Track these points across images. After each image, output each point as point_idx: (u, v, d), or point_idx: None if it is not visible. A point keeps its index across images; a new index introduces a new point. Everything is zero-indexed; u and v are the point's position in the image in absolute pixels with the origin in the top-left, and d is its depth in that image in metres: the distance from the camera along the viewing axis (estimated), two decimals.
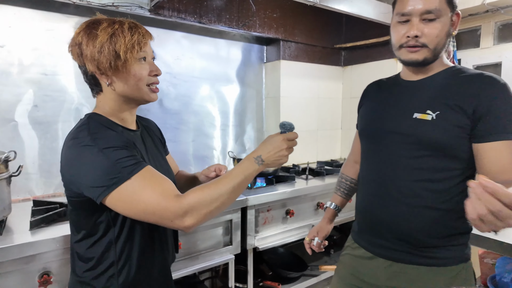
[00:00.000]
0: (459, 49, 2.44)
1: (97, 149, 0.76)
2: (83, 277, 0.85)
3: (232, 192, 0.80)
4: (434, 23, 0.89)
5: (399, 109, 0.97)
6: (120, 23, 0.84)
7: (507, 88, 0.88)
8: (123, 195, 0.75)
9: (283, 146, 0.83)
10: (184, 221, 0.75)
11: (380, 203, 0.98)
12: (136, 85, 0.86)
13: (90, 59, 0.82)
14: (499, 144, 0.85)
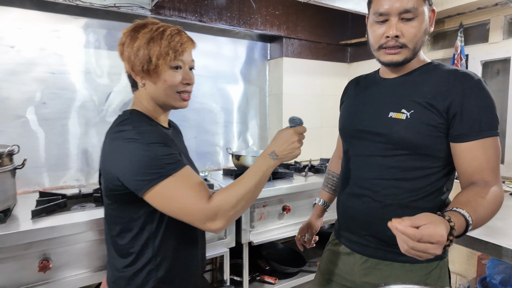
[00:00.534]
0: (466, 44, 2.36)
1: (143, 143, 0.78)
2: (123, 272, 0.86)
3: (254, 190, 0.82)
4: (412, 22, 0.86)
5: (376, 108, 0.97)
6: (162, 29, 0.85)
7: (481, 85, 0.86)
8: (163, 191, 0.77)
9: (294, 138, 0.85)
10: (214, 224, 0.78)
11: (355, 201, 0.98)
12: (165, 91, 0.87)
13: (127, 60, 0.87)
14: (474, 143, 0.84)
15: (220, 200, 0.78)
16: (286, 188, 1.96)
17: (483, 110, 0.84)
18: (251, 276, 2.10)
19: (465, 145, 0.84)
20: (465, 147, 0.84)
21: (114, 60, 2.09)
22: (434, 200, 0.91)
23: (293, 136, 0.85)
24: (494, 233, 1.27)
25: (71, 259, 1.39)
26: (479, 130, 0.83)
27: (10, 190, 1.40)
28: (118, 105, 2.12)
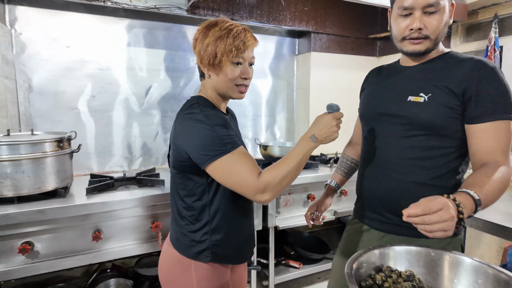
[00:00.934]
0: (501, 36, 2.30)
1: (208, 125, 0.91)
2: (184, 229, 1.02)
3: (297, 169, 0.93)
4: (435, 15, 0.93)
5: (396, 93, 1.04)
6: (229, 29, 0.96)
7: (496, 71, 0.90)
8: (222, 165, 0.90)
9: (332, 123, 0.94)
10: (263, 196, 0.90)
11: (375, 180, 1.06)
12: (225, 83, 0.99)
13: (198, 53, 0.99)
14: (487, 125, 0.89)
15: (269, 176, 0.90)
16: (311, 177, 2.05)
17: (497, 95, 0.89)
18: (276, 259, 2.21)
19: (479, 126, 0.90)
20: (478, 128, 0.90)
21: (153, 57, 2.28)
22: (450, 179, 0.97)
23: (331, 121, 0.94)
24: None
25: (118, 231, 1.58)
26: (493, 113, 0.88)
27: (68, 170, 1.62)
28: (156, 98, 2.32)
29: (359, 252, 0.70)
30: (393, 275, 0.67)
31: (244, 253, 1.10)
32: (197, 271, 0.99)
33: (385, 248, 0.73)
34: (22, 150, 1.42)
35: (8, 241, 1.39)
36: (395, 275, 0.67)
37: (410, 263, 0.71)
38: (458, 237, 1.01)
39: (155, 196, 1.63)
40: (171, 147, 1.04)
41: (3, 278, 1.39)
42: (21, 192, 1.43)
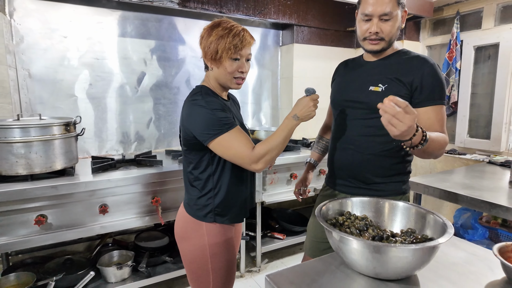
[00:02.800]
0: (462, 31, 2.57)
1: (209, 109, 1.08)
2: (193, 196, 1.21)
3: (283, 142, 1.12)
4: (389, 22, 1.14)
5: (359, 83, 1.26)
6: (230, 29, 1.12)
7: (435, 67, 1.16)
8: (222, 142, 1.08)
9: (310, 104, 1.13)
10: (257, 165, 1.09)
11: (342, 153, 1.29)
12: (225, 76, 1.15)
13: (203, 49, 1.15)
14: (428, 108, 1.14)
15: (261, 149, 1.09)
16: (293, 158, 2.29)
17: (435, 86, 1.14)
18: (263, 232, 2.46)
19: (422, 109, 1.14)
20: (423, 110, 1.15)
21: (145, 47, 2.42)
22: (400, 150, 1.21)
23: (309, 102, 1.13)
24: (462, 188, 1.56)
25: (122, 205, 1.77)
26: (432, 99, 1.14)
27: (74, 152, 1.78)
28: (149, 86, 2.47)
29: (326, 201, 0.93)
30: (352, 217, 0.90)
31: (242, 213, 1.30)
32: (207, 229, 1.20)
33: (345, 199, 0.96)
34: (33, 132, 1.58)
35: (25, 214, 1.55)
36: (353, 217, 0.90)
37: (364, 209, 0.95)
38: (406, 195, 1.26)
39: (154, 174, 1.82)
40: (180, 129, 1.23)
41: (22, 246, 1.56)
42: (34, 170, 1.59)
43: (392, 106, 0.86)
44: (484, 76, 2.52)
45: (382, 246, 0.68)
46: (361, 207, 0.95)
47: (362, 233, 0.84)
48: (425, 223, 0.85)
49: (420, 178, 1.70)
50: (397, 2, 1.15)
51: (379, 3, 1.13)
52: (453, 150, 2.63)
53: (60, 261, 1.94)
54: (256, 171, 1.13)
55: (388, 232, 0.86)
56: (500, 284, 0.74)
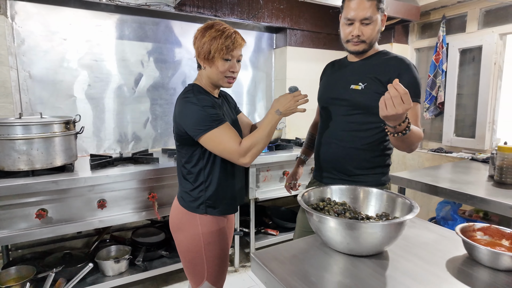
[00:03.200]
0: (448, 34, 2.68)
1: (200, 106, 1.15)
2: (186, 189, 1.28)
3: (268, 136, 1.19)
4: (369, 26, 1.24)
5: (342, 82, 1.35)
6: (222, 31, 1.19)
7: (411, 67, 1.25)
8: (212, 137, 1.14)
9: (292, 101, 1.20)
10: (245, 159, 1.16)
11: (326, 148, 1.38)
12: (217, 75, 1.22)
13: (196, 49, 1.22)
14: None
15: (248, 143, 1.16)
16: (286, 156, 2.37)
17: (411, 84, 1.21)
18: (257, 229, 2.53)
19: None
20: None
21: (143, 49, 2.50)
22: (380, 145, 1.29)
23: (292, 99, 1.21)
24: (443, 181, 1.65)
25: (120, 201, 1.84)
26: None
27: (74, 149, 1.85)
28: (146, 87, 2.55)
29: (309, 188, 1.01)
30: (332, 203, 0.98)
31: (232, 206, 1.34)
32: (201, 219, 1.27)
33: (325, 187, 1.04)
34: (34, 130, 1.65)
35: (26, 208, 1.62)
36: (333, 203, 0.99)
37: (343, 196, 1.03)
38: (385, 186, 1.35)
39: (151, 171, 1.90)
40: (173, 125, 1.30)
41: (23, 239, 1.63)
42: (35, 166, 1.66)
43: (395, 89, 0.94)
44: (469, 78, 2.62)
45: (354, 222, 0.76)
46: (340, 194, 1.03)
47: (339, 216, 0.92)
48: (395, 206, 0.93)
49: (404, 173, 1.79)
50: (376, 8, 1.24)
51: (361, 8, 1.22)
52: (440, 148, 2.73)
53: (59, 255, 2.01)
54: (244, 165, 1.20)
55: (363, 215, 0.94)
56: (462, 258, 0.82)
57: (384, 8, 1.29)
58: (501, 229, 0.86)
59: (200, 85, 1.27)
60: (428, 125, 2.98)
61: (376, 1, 1.23)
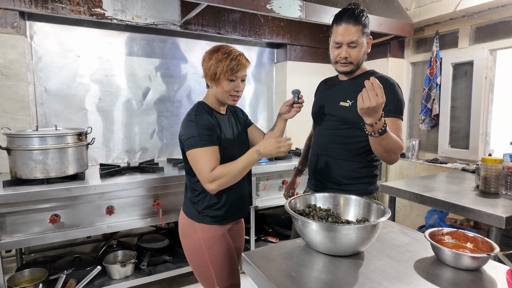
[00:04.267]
0: (441, 49, 2.79)
1: (195, 124, 1.25)
2: (187, 196, 1.40)
3: (240, 172, 1.24)
4: (356, 48, 1.35)
5: (332, 99, 1.47)
6: (228, 54, 1.28)
7: (394, 86, 1.36)
8: (193, 154, 1.23)
9: (275, 145, 1.22)
10: (210, 185, 1.22)
11: (317, 159, 1.49)
12: (222, 94, 1.31)
13: (204, 70, 1.33)
14: (387, 120, 1.32)
15: (218, 172, 1.21)
16: (285, 166, 2.48)
17: (392, 101, 1.33)
18: (257, 236, 2.63)
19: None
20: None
21: (150, 65, 2.66)
22: (367, 157, 1.40)
23: (275, 143, 1.22)
24: (430, 191, 1.74)
25: (127, 207, 1.96)
26: (389, 112, 1.32)
27: (85, 159, 1.99)
28: (153, 100, 2.70)
29: (295, 196, 1.12)
30: (317, 209, 1.09)
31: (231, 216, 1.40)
32: (200, 226, 1.35)
33: (311, 194, 1.16)
34: (50, 141, 1.79)
35: (41, 213, 1.75)
36: (318, 209, 1.09)
37: (326, 202, 1.14)
38: (373, 195, 1.44)
39: (156, 179, 2.02)
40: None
41: (37, 243, 1.75)
42: (50, 174, 1.80)
43: (370, 84, 1.06)
44: (462, 91, 2.72)
45: (331, 225, 0.87)
46: (324, 200, 1.14)
47: (322, 220, 1.03)
48: (371, 211, 1.03)
49: (393, 182, 1.88)
50: (362, 32, 1.36)
51: (347, 33, 1.34)
52: (435, 159, 2.81)
53: (70, 259, 2.13)
54: (210, 191, 1.25)
55: (344, 220, 1.04)
56: (430, 259, 0.92)
57: (369, 33, 1.41)
58: (466, 233, 0.96)
59: (206, 103, 1.38)
60: (424, 137, 3.07)
61: (361, 26, 1.35)
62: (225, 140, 1.34)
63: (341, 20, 1.35)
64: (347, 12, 1.35)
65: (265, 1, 2.09)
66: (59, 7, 2.16)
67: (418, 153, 3.02)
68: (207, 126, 1.27)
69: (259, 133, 1.57)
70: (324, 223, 0.89)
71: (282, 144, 1.22)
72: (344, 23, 1.34)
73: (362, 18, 1.35)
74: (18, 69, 2.09)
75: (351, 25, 1.33)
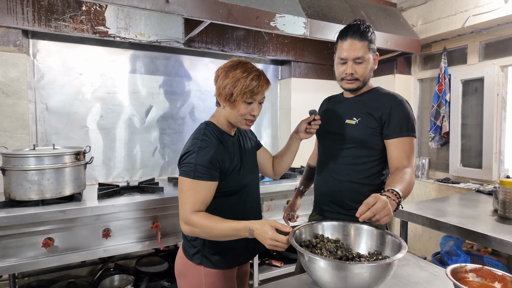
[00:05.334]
0: (449, 66, 2.73)
1: (198, 153, 1.09)
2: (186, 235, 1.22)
3: (221, 237, 1.06)
4: (362, 64, 1.30)
5: (338, 117, 1.40)
6: (248, 73, 1.10)
7: (403, 103, 1.29)
8: (182, 182, 1.09)
9: (270, 241, 0.97)
10: (184, 227, 1.07)
11: (324, 181, 1.40)
12: (236, 117, 1.15)
13: (217, 89, 1.15)
14: (396, 140, 1.25)
15: (196, 222, 1.04)
16: (289, 185, 2.39)
17: (402, 119, 1.26)
18: (261, 260, 2.51)
19: (392, 141, 1.26)
20: (391, 142, 1.26)
21: (153, 82, 2.63)
22: (376, 179, 1.31)
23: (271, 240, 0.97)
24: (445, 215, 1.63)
25: (124, 230, 1.88)
26: (399, 131, 1.25)
27: (83, 179, 1.93)
28: (156, 118, 2.65)
29: (301, 225, 1.03)
30: (325, 240, 1.00)
31: (234, 259, 1.22)
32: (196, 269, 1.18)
33: (318, 223, 1.06)
34: (47, 161, 1.73)
35: (34, 237, 1.67)
36: (326, 240, 1.00)
37: (335, 232, 1.05)
38: (384, 225, 1.35)
39: (155, 201, 1.94)
40: None
41: (30, 268, 1.67)
42: (45, 196, 1.73)
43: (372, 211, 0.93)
44: (473, 108, 2.64)
45: (341, 264, 0.77)
46: (332, 230, 1.05)
47: (331, 254, 0.93)
48: (385, 244, 0.94)
49: (407, 206, 1.78)
50: (368, 48, 1.30)
51: (352, 49, 1.28)
52: (447, 179, 2.69)
53: (64, 284, 2.03)
54: (183, 231, 1.10)
55: (355, 253, 0.95)
56: None
57: (375, 49, 1.35)
58: (493, 271, 0.86)
59: (216, 124, 1.22)
60: (434, 155, 2.96)
61: (367, 42, 1.29)
62: (235, 168, 1.18)
63: (346, 35, 1.29)
64: (353, 27, 1.30)
65: (269, 18, 2.06)
66: (62, 25, 2.16)
67: (429, 172, 2.91)
68: (208, 160, 1.10)
69: (268, 157, 1.45)
70: (334, 261, 0.79)
71: (279, 245, 0.97)
72: (349, 38, 1.28)
73: (368, 34, 1.29)
74: (18, 87, 2.06)
75: (356, 40, 1.27)
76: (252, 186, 1.30)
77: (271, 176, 1.51)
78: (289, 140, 1.42)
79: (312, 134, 1.39)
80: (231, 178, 1.17)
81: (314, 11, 2.30)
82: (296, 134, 1.40)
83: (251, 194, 1.31)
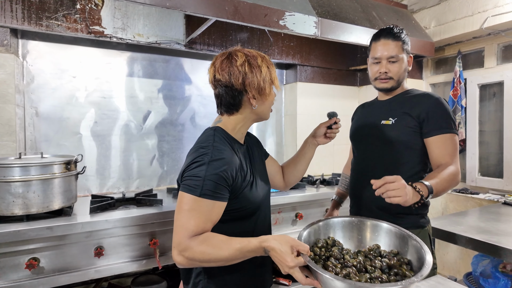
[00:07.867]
0: (465, 69, 2.59)
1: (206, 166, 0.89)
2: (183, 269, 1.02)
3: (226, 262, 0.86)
4: (396, 64, 1.30)
5: (373, 119, 1.36)
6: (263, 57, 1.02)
7: (439, 100, 1.24)
8: (184, 199, 0.88)
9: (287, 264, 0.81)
10: (177, 256, 0.85)
11: (360, 185, 1.34)
12: (268, 108, 1.06)
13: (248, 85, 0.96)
14: (436, 138, 1.20)
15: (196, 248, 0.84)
16: (298, 197, 2.22)
17: (441, 116, 1.21)
18: None
19: (432, 139, 1.21)
20: (432, 140, 1.21)
21: (152, 86, 2.47)
22: (416, 180, 1.17)
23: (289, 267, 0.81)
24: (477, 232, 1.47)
25: (118, 248, 1.69)
26: (439, 128, 1.20)
27: (73, 191, 1.75)
28: (154, 124, 2.49)
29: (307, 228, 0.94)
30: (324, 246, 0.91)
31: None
32: None
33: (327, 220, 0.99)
34: (33, 171, 1.56)
35: (16, 257, 1.48)
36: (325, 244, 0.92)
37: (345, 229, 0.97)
38: (425, 229, 1.26)
39: (153, 215, 1.76)
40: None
41: None
42: (30, 210, 1.54)
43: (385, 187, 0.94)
44: (491, 114, 2.49)
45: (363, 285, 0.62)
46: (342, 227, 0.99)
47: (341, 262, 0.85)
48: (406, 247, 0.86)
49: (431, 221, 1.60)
50: (402, 48, 1.29)
51: (386, 48, 1.28)
52: (465, 189, 2.54)
53: None
54: (174, 261, 0.88)
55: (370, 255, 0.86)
56: None
57: (409, 50, 1.33)
58: None
59: (225, 130, 1.04)
60: None
61: (401, 42, 1.29)
62: (247, 184, 1.00)
63: (379, 36, 1.31)
64: (386, 30, 1.32)
65: (278, 16, 1.92)
66: (54, 24, 2.00)
67: None
68: (220, 175, 0.91)
69: (277, 167, 1.31)
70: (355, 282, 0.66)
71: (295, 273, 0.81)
72: (383, 38, 1.30)
73: (402, 35, 1.30)
74: (5, 90, 1.89)
75: (390, 40, 1.28)
76: (265, 206, 1.12)
77: (281, 188, 1.35)
78: (304, 145, 1.28)
79: (331, 139, 1.25)
80: (243, 197, 0.98)
81: (324, 10, 2.16)
82: (313, 139, 1.26)
83: (264, 214, 1.12)
